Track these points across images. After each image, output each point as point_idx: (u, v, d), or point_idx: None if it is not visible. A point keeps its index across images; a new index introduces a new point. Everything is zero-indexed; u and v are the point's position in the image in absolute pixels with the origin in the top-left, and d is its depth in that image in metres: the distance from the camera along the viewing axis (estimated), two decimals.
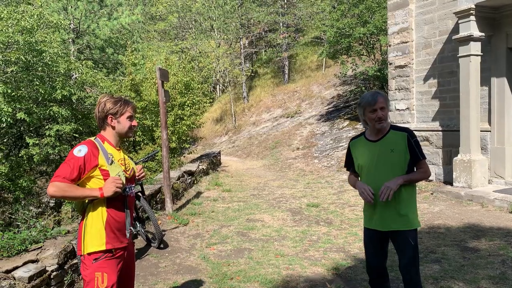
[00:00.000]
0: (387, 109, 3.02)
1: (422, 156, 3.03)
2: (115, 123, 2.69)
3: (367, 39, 15.30)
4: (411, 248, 3.01)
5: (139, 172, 2.92)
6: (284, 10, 26.45)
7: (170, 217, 7.16)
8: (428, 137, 9.36)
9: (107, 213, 2.60)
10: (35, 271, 3.71)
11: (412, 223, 3.02)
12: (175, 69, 12.58)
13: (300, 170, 13.29)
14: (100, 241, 2.57)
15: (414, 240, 3.01)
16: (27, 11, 10.15)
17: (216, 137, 25.56)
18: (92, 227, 2.58)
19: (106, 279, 2.55)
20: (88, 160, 2.53)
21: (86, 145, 2.57)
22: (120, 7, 19.28)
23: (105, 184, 2.55)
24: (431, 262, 4.82)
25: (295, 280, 4.52)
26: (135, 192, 2.85)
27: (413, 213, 3.05)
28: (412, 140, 3.00)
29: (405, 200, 3.01)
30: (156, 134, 11.43)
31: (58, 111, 10.09)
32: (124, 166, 2.72)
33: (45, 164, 12.08)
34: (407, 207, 3.01)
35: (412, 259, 3.01)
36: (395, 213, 3.00)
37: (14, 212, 10.24)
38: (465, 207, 7.37)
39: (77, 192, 2.48)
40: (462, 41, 8.01)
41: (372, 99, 3.00)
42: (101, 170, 2.58)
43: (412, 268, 3.02)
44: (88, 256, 2.57)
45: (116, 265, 2.63)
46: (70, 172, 2.46)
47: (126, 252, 2.75)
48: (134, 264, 2.97)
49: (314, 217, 7.32)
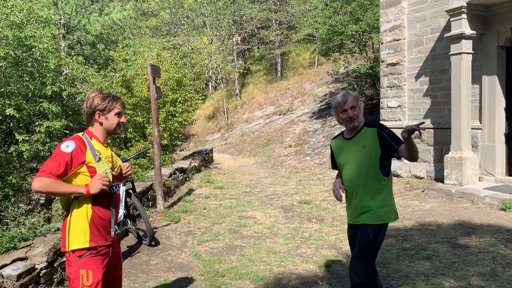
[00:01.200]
0: (358, 108, 3.09)
1: (399, 142, 2.99)
2: (103, 119, 2.66)
3: (359, 37, 15.32)
4: (366, 240, 3.00)
5: (126, 170, 2.89)
6: (276, 7, 26.41)
7: (162, 214, 7.12)
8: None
9: (92, 210, 2.56)
10: (24, 269, 3.66)
11: (379, 218, 3.02)
12: (167, 65, 12.49)
13: (292, 167, 13.29)
14: (84, 239, 2.53)
15: (374, 233, 3.00)
16: (17, 6, 10.01)
17: (208, 134, 25.49)
18: (76, 224, 2.54)
19: (91, 276, 2.52)
20: (75, 156, 2.49)
21: (74, 141, 2.53)
22: (111, 3, 19.13)
23: (92, 181, 2.52)
24: (422, 259, 4.83)
25: (287, 277, 4.51)
26: (126, 189, 2.81)
27: (383, 207, 3.04)
28: (383, 133, 3.04)
29: (373, 194, 3.05)
30: (147, 130, 11.35)
31: (48, 107, 9.99)
32: (111, 164, 2.69)
33: (35, 161, 11.95)
34: (373, 202, 3.04)
35: (361, 251, 3.01)
36: (362, 207, 3.07)
37: (3, 210, 10.14)
38: (456, 204, 7.41)
39: (62, 188, 2.44)
40: (453, 39, 8.04)
41: (342, 100, 3.10)
42: (88, 167, 2.55)
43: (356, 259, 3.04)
44: (73, 254, 2.53)
45: (101, 262, 2.59)
46: (57, 168, 2.42)
47: (112, 249, 2.72)
48: (121, 262, 2.94)
49: (306, 214, 7.32)
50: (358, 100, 3.12)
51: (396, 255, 5.02)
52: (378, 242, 3.04)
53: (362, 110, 3.14)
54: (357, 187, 3.11)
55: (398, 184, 9.26)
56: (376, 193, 3.05)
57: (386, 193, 3.09)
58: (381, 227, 3.04)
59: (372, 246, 3.02)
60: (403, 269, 4.57)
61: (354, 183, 3.12)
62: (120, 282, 2.86)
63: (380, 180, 3.06)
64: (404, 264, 4.73)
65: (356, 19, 14.48)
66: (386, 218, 3.05)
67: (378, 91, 13.01)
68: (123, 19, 19.91)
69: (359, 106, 3.10)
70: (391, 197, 3.13)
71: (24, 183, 10.98)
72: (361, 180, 3.08)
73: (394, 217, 3.10)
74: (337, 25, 14.59)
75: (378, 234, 3.03)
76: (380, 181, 3.06)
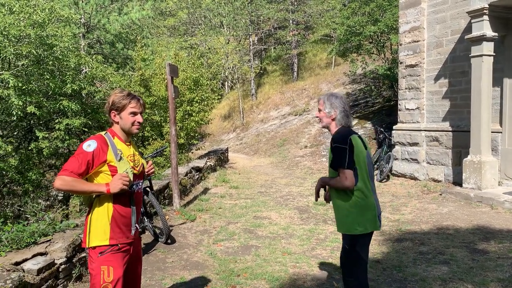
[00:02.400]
0: (322, 112, 3.16)
1: (334, 164, 3.01)
2: (118, 119, 2.67)
3: (378, 38, 15.18)
4: (344, 251, 3.14)
5: (149, 168, 2.91)
6: (294, 7, 26.32)
7: (178, 213, 7.18)
8: (438, 137, 9.28)
9: (113, 208, 2.60)
10: (44, 263, 3.74)
11: (345, 228, 3.09)
12: (184, 65, 12.58)
13: (308, 168, 13.25)
14: (104, 236, 2.57)
15: (348, 244, 3.09)
16: (39, 5, 10.18)
17: (223, 133, 25.56)
18: (97, 222, 2.58)
19: (112, 272, 2.55)
20: (96, 155, 2.52)
21: (96, 140, 2.56)
22: (130, 2, 19.33)
23: (112, 181, 2.54)
24: (439, 264, 4.78)
25: (302, 278, 4.51)
26: (143, 187, 2.84)
27: (347, 217, 3.05)
28: (332, 146, 3.04)
29: (341, 204, 3.09)
30: (164, 129, 11.45)
31: (68, 105, 10.13)
32: (133, 162, 2.71)
33: (54, 158, 12.15)
34: (341, 212, 3.10)
35: (344, 263, 3.16)
36: (336, 215, 3.19)
37: (23, 205, 10.32)
38: (474, 208, 7.30)
39: (84, 186, 2.48)
40: (474, 41, 7.92)
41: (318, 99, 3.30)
42: (109, 166, 2.58)
43: (345, 269, 3.15)
44: (94, 250, 2.57)
45: (122, 259, 2.62)
46: (78, 167, 2.46)
47: (132, 247, 2.75)
48: (141, 260, 2.97)
49: (322, 216, 7.29)
50: (326, 105, 3.12)
51: (412, 259, 4.97)
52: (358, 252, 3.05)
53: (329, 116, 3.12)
54: (332, 196, 3.22)
55: (415, 187, 9.16)
56: (341, 203, 3.09)
57: (351, 205, 3.04)
58: (353, 238, 3.05)
59: (352, 257, 3.08)
60: (420, 273, 4.52)
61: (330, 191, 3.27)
62: (139, 279, 2.90)
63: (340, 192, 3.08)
64: (421, 268, 4.68)
65: (374, 20, 14.35)
66: (353, 229, 3.04)
67: (396, 93, 12.88)
68: (142, 19, 20.11)
69: (324, 110, 3.14)
70: (358, 208, 3.03)
71: (43, 179, 11.17)
72: (331, 190, 3.21)
73: (360, 229, 3.02)
74: (355, 25, 14.48)
75: (353, 245, 3.05)
76: (339, 193, 3.08)
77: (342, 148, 2.96)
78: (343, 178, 2.95)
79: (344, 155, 2.94)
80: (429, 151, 9.47)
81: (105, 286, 2.53)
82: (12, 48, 8.95)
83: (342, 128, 3.12)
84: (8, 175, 9.81)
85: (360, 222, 3.02)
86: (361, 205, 3.02)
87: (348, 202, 3.03)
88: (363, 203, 3.03)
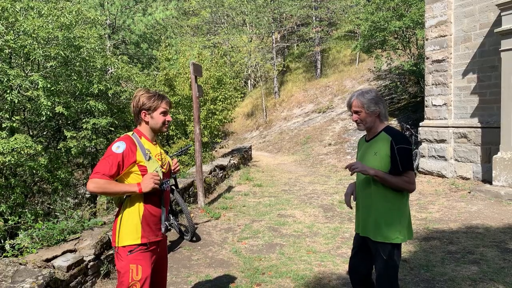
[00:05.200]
0: (364, 113, 2.83)
1: (404, 167, 2.71)
2: (149, 118, 2.69)
3: (403, 33, 14.92)
4: (382, 262, 2.76)
5: (174, 166, 2.94)
6: (317, 4, 26.12)
7: (202, 211, 7.23)
8: (466, 134, 9.05)
9: (144, 207, 2.63)
10: (73, 260, 3.82)
11: (386, 237, 2.74)
12: (207, 64, 12.67)
13: (332, 166, 13.15)
14: (135, 235, 2.60)
15: (386, 255, 2.75)
16: (66, 8, 10.42)
17: (247, 132, 25.61)
18: (128, 221, 2.61)
19: (141, 271, 2.58)
20: (126, 157, 2.55)
21: (124, 141, 2.59)
22: (154, 3, 19.57)
23: (143, 180, 2.57)
24: (469, 263, 4.66)
25: (327, 277, 4.47)
26: (169, 186, 2.87)
27: (391, 225, 2.74)
28: (395, 147, 2.72)
29: (385, 209, 2.77)
30: (188, 128, 11.56)
31: (95, 105, 10.35)
32: (161, 161, 2.74)
33: (82, 157, 12.43)
34: (383, 217, 2.77)
35: (383, 275, 2.78)
36: (372, 220, 2.81)
37: (52, 203, 10.61)
38: (505, 207, 7.09)
39: (116, 188, 2.51)
40: (504, 34, 7.68)
41: (347, 101, 2.95)
42: (139, 166, 2.60)
43: (384, 283, 2.78)
44: (123, 248, 2.59)
45: (150, 258, 2.65)
46: (109, 169, 2.49)
47: (160, 246, 2.78)
48: (167, 258, 3.00)
49: (347, 214, 7.22)
50: (365, 104, 2.82)
51: (441, 258, 4.87)
52: (397, 265, 2.79)
53: (374, 113, 2.83)
54: (363, 196, 2.90)
55: (443, 185, 8.97)
56: (388, 207, 2.77)
57: (399, 210, 2.78)
58: (394, 247, 2.76)
59: (392, 268, 2.76)
60: (449, 272, 4.42)
61: (360, 190, 2.93)
62: (165, 277, 2.93)
63: (388, 194, 2.78)
64: (450, 267, 4.58)
65: (399, 15, 14.11)
66: (397, 238, 2.74)
67: (422, 89, 12.64)
68: (166, 19, 20.34)
69: (366, 110, 2.82)
70: (400, 214, 2.78)
71: (72, 178, 11.44)
72: (368, 190, 2.86)
73: (401, 237, 2.75)
74: (380, 21, 14.27)
75: (392, 254, 2.75)
76: (389, 194, 2.77)
77: (408, 149, 2.73)
78: (412, 181, 2.73)
79: (411, 157, 2.74)
80: (457, 148, 9.25)
81: (133, 284, 2.56)
82: (41, 50, 9.19)
83: (391, 127, 2.90)
84: (38, 174, 10.09)
85: (401, 230, 2.76)
86: (403, 211, 2.80)
87: (395, 207, 2.76)
88: (405, 209, 2.81)
